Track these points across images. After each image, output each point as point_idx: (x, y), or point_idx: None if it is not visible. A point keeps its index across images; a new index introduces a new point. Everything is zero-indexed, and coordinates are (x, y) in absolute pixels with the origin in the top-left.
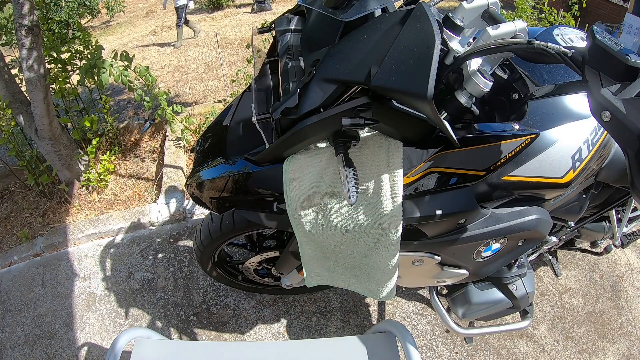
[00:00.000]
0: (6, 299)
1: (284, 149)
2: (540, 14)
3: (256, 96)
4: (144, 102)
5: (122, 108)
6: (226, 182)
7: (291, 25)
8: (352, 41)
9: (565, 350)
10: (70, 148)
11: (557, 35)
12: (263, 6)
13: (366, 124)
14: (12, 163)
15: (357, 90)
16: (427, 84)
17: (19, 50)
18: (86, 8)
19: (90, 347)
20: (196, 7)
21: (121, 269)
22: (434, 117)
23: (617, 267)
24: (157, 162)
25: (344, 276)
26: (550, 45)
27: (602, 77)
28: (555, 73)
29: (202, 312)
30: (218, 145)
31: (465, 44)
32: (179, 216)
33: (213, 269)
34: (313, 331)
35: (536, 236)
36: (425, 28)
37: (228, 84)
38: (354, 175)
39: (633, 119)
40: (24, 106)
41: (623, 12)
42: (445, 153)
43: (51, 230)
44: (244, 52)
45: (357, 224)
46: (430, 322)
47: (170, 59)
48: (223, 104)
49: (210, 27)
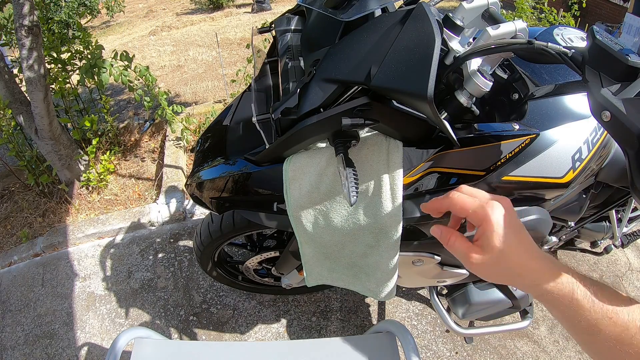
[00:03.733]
0: (6, 299)
1: (284, 149)
2: (540, 14)
3: (256, 96)
4: (144, 102)
5: (122, 108)
6: (226, 182)
7: (291, 25)
8: (352, 41)
9: (565, 350)
10: (70, 148)
11: (557, 35)
12: (263, 6)
13: (366, 124)
14: (12, 163)
15: (357, 90)
16: (427, 84)
17: (19, 50)
18: (86, 8)
19: (90, 347)
20: (196, 7)
21: (121, 269)
22: (434, 117)
23: (617, 267)
24: (157, 162)
25: (344, 276)
26: (550, 45)
27: (602, 77)
28: (555, 73)
29: (202, 312)
30: (218, 145)
31: (465, 44)
32: (179, 216)
33: (213, 269)
34: (313, 331)
35: (536, 236)
36: (425, 28)
37: (228, 84)
38: (354, 175)
39: (633, 119)
40: (24, 106)
41: (623, 12)
42: (445, 153)
43: (51, 230)
44: (244, 52)
45: (357, 224)
46: (430, 322)
47: (170, 59)
48: (223, 104)
49: (210, 27)
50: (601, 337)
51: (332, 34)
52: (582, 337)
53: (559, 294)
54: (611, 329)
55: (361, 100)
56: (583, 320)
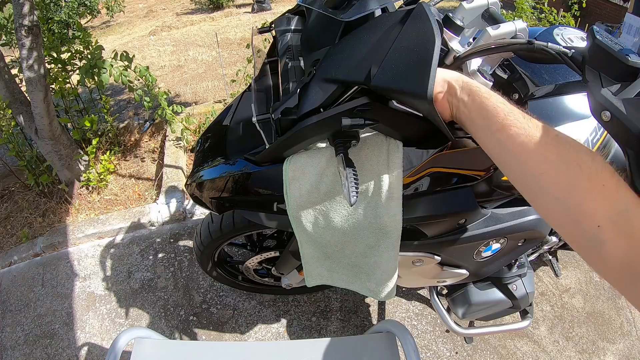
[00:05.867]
0: (6, 299)
1: (284, 149)
2: (540, 14)
3: (256, 96)
4: (144, 102)
5: (122, 108)
6: (226, 182)
7: (291, 25)
8: (352, 41)
9: (565, 350)
10: (70, 148)
11: (557, 35)
12: (263, 6)
13: (366, 124)
14: (12, 163)
15: (357, 90)
16: (427, 84)
17: (19, 50)
18: (86, 8)
19: (90, 347)
20: (196, 7)
21: (121, 269)
22: (434, 117)
23: None
24: (157, 162)
25: (344, 276)
26: (550, 45)
27: (602, 77)
28: (555, 73)
29: (202, 312)
30: (218, 145)
31: (465, 44)
32: (179, 216)
33: (213, 269)
34: (313, 331)
35: (536, 236)
36: (425, 28)
37: (228, 84)
38: (354, 175)
39: (633, 119)
40: (24, 106)
41: (623, 12)
42: (445, 153)
43: (51, 230)
44: (244, 52)
45: (357, 224)
46: (430, 322)
47: (170, 59)
48: (223, 104)
49: (210, 27)
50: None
51: (332, 34)
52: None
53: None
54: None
55: (361, 100)
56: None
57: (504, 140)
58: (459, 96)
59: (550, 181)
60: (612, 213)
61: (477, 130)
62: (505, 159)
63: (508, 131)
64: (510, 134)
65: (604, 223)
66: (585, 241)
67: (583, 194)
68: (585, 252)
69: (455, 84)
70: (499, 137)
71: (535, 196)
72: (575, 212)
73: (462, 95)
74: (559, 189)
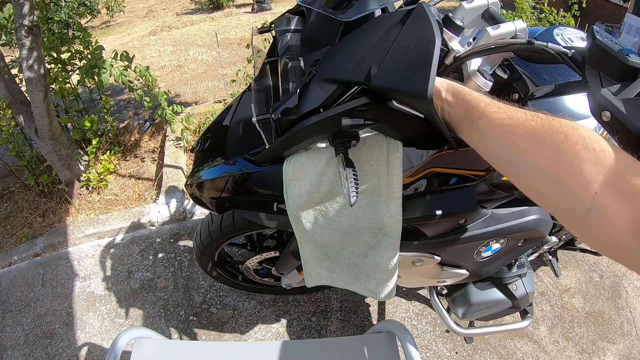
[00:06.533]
0: (6, 299)
1: (284, 149)
2: (540, 14)
3: (256, 96)
4: (144, 102)
5: (122, 108)
6: (226, 182)
7: (291, 25)
8: (352, 41)
9: (565, 350)
10: (70, 148)
11: (557, 35)
12: (263, 6)
13: (366, 124)
14: (12, 163)
15: (357, 90)
16: (427, 84)
17: (19, 50)
18: (86, 8)
19: (90, 347)
20: (196, 7)
21: (121, 269)
22: (434, 117)
23: (617, 267)
24: (157, 162)
25: (344, 276)
26: (550, 45)
27: (602, 77)
28: (555, 73)
29: (202, 312)
30: (218, 145)
31: (465, 44)
32: (179, 216)
33: (213, 269)
34: (313, 331)
35: (536, 236)
36: (425, 28)
37: (228, 84)
38: (354, 175)
39: (633, 119)
40: (24, 106)
41: (623, 12)
42: (445, 153)
43: (51, 230)
44: (244, 52)
45: (357, 224)
46: (430, 322)
47: (170, 59)
48: (223, 104)
49: (210, 27)
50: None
51: (332, 34)
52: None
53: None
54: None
55: (361, 100)
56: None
57: (486, 126)
58: (444, 97)
59: (537, 154)
60: (609, 176)
61: (460, 124)
62: (488, 144)
63: (489, 116)
64: (492, 118)
65: (600, 188)
66: (581, 213)
67: (573, 162)
68: (584, 226)
69: (440, 87)
70: (480, 125)
71: (523, 176)
72: (567, 182)
73: (447, 96)
74: (546, 162)
